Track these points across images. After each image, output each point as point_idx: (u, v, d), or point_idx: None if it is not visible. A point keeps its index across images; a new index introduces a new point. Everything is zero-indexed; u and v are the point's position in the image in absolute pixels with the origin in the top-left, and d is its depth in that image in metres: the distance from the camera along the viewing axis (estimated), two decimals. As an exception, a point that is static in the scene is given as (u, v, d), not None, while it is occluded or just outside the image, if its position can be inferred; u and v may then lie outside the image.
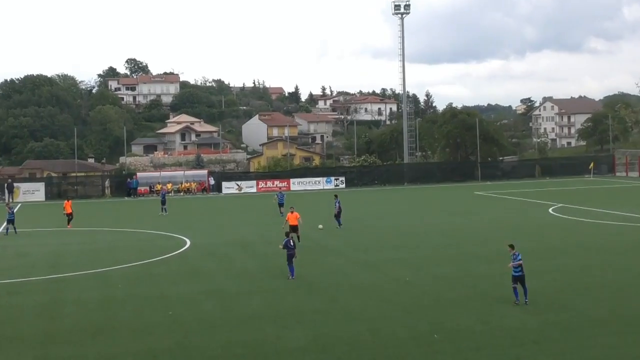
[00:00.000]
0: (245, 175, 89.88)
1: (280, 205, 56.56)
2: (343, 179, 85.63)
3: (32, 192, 76.24)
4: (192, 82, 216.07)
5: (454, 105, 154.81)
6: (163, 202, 59.67)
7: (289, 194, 76.69)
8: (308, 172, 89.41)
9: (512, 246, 25.06)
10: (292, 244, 30.24)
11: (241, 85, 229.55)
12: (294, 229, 37.71)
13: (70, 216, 50.99)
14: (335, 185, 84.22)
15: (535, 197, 65.75)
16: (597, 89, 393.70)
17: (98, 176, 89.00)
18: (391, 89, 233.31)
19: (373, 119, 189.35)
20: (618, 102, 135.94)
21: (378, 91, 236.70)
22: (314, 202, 67.39)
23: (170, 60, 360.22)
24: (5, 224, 47.31)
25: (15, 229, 46.82)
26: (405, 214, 54.61)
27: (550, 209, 54.82)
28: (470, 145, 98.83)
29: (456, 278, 28.77)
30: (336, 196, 48.02)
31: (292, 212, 39.03)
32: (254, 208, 60.53)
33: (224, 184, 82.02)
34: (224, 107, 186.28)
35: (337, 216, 46.24)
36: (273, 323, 22.69)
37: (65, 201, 54.55)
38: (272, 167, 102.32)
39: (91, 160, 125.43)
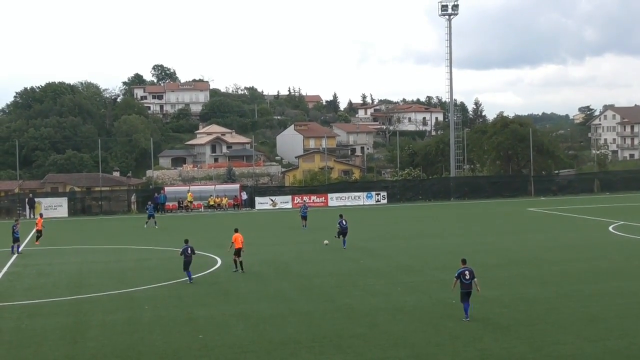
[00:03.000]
0: (279, 190, 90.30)
1: (303, 217, 57.39)
2: (385, 194, 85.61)
3: (54, 208, 77.46)
4: (222, 90, 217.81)
5: (505, 114, 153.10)
6: (151, 216, 63.26)
7: (326, 210, 77.02)
8: (347, 187, 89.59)
9: (463, 261, 26.90)
10: (189, 251, 34.46)
11: (275, 93, 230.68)
12: (238, 252, 37.70)
13: (39, 233, 51.87)
14: (376, 201, 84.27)
15: (594, 214, 65.19)
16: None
17: (124, 191, 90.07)
18: (437, 97, 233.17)
19: (417, 129, 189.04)
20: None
21: (423, 99, 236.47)
22: (352, 219, 67.46)
23: (200, 66, 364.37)
24: (13, 243, 47.62)
25: (18, 247, 47.45)
26: (452, 232, 54.49)
27: (611, 227, 54.38)
28: (522, 157, 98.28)
29: (506, 301, 28.72)
30: (341, 216, 47.93)
31: (237, 233, 38.43)
32: (289, 225, 60.87)
33: (257, 199, 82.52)
34: (257, 117, 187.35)
35: (344, 235, 46.13)
36: (309, 349, 22.90)
37: (38, 217, 55.72)
38: (309, 181, 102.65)
39: (116, 174, 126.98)
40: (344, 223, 46.63)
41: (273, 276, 36.29)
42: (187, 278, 34.45)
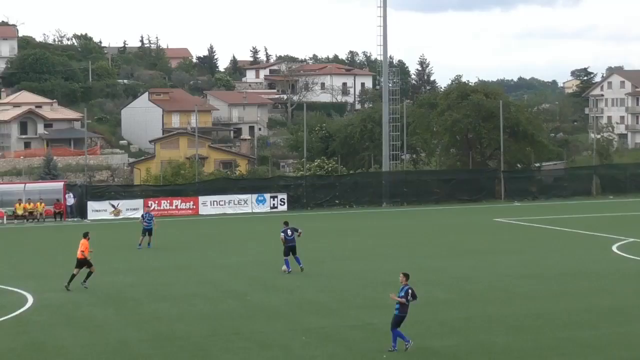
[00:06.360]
0: (126, 191, 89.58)
1: (147, 231, 57.58)
2: (284, 196, 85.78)
3: None
4: (38, 39, 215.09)
5: (464, 79, 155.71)
6: None
7: (196, 220, 76.81)
8: (229, 186, 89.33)
9: (406, 276, 29.75)
10: None
11: (121, 46, 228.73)
12: (81, 263, 42.39)
13: None
14: (271, 207, 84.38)
15: (591, 226, 66.77)
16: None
17: None
18: (364, 53, 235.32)
19: (334, 100, 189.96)
20: None
21: (343, 56, 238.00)
22: (235, 235, 67.55)
23: (3, 2, 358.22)
24: None
25: None
26: (383, 254, 55.03)
27: (615, 245, 55.76)
28: (489, 143, 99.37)
29: (463, 355, 29.15)
30: (286, 223, 48.34)
31: (86, 238, 43.03)
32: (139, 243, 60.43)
33: (91, 205, 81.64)
34: (91, 81, 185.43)
35: (293, 252, 46.90)
36: None
37: None
38: (170, 177, 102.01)
39: None
40: (290, 233, 46.91)
41: (114, 321, 35.94)
42: None
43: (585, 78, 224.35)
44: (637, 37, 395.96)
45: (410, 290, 29.17)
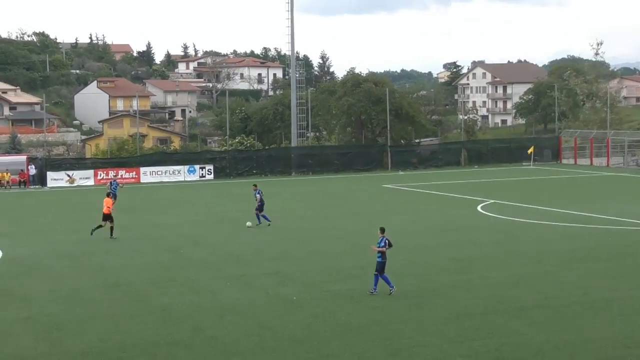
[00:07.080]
0: (79, 163, 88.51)
1: (111, 195, 57.49)
2: (211, 167, 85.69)
3: None
4: (3, 35, 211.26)
5: (357, 70, 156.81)
6: None
7: (138, 187, 76.29)
8: (164, 159, 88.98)
9: (382, 230, 30.25)
10: None
11: (73, 42, 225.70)
12: (106, 217, 44.34)
13: None
14: (200, 176, 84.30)
15: (460, 191, 67.63)
16: (541, 52, 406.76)
17: None
18: (275, 49, 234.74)
19: (252, 88, 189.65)
20: (567, 69, 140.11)
21: (258, 51, 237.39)
22: (170, 199, 67.17)
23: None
24: None
25: None
26: (292, 215, 55.17)
27: (480, 206, 56.56)
28: (378, 123, 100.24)
29: (358, 297, 29.37)
30: (255, 186, 49.92)
31: (109, 197, 45.70)
32: (91, 207, 59.63)
33: (50, 175, 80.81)
34: (49, 71, 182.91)
35: (260, 209, 48.91)
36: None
37: None
38: (116, 151, 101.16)
39: None
40: (262, 194, 49.24)
41: (69, 271, 35.57)
42: None
43: (455, 70, 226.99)
44: (495, 37, 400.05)
45: (387, 240, 29.76)
